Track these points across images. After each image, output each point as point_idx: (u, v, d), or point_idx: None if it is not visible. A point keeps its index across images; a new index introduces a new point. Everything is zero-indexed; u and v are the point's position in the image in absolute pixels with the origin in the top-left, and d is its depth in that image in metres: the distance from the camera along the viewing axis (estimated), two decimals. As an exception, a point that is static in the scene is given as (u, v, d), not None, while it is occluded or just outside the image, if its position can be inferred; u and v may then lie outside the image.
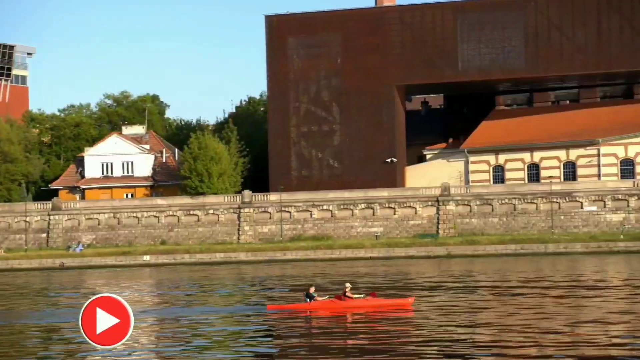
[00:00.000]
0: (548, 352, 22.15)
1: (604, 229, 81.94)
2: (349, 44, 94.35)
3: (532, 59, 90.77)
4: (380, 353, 22.74)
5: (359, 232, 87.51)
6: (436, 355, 22.11)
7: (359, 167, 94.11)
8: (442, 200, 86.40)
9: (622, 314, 30.12)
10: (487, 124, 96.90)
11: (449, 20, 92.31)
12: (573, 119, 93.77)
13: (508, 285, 44.40)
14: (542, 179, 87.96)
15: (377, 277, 53.71)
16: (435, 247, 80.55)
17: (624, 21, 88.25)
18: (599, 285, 42.76)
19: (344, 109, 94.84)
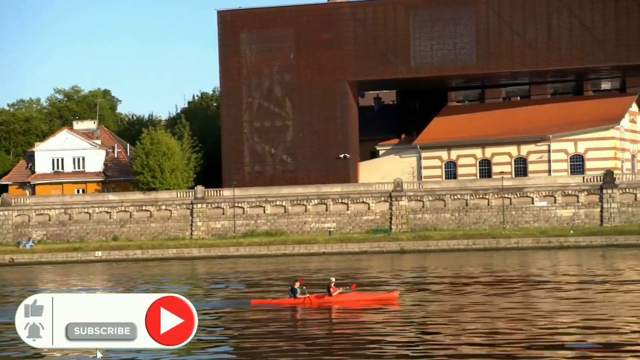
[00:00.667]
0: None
1: (554, 224, 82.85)
2: (302, 39, 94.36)
3: (484, 55, 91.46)
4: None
5: (312, 228, 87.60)
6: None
7: (312, 162, 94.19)
8: (395, 196, 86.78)
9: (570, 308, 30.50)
10: (439, 120, 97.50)
11: (402, 17, 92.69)
12: (524, 115, 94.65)
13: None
14: (494, 175, 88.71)
15: (331, 272, 53.83)
16: (388, 242, 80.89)
17: (573, 18, 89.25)
18: (551, 280, 43.25)
19: (297, 104, 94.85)
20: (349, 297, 33.25)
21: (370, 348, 22.73)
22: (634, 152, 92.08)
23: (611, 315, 27.81)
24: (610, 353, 20.84)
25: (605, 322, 26.22)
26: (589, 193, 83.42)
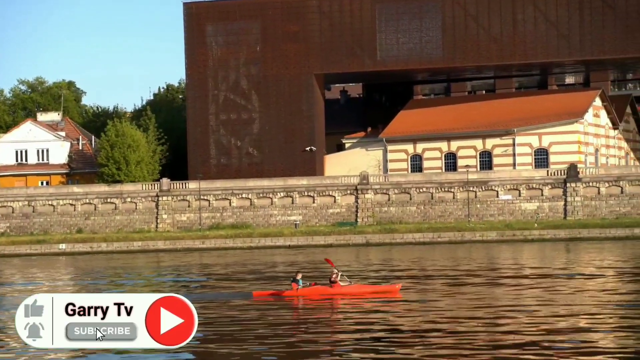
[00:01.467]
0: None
1: (519, 217, 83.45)
2: (269, 32, 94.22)
3: (449, 49, 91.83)
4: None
5: (278, 221, 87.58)
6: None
7: (278, 155, 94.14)
8: (361, 189, 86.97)
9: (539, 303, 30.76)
10: (405, 114, 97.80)
11: (368, 10, 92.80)
12: (489, 109, 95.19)
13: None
14: (459, 168, 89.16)
15: (295, 266, 53.88)
16: (354, 235, 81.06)
17: (538, 13, 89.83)
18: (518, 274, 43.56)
19: (263, 97, 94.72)
20: (351, 289, 33.39)
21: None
22: (597, 146, 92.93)
23: (572, 309, 28.09)
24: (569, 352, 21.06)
25: (565, 316, 26.48)
26: (553, 187, 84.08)
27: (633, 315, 26.37)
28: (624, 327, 24.38)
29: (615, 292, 34.01)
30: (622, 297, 32.10)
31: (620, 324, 24.94)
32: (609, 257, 56.04)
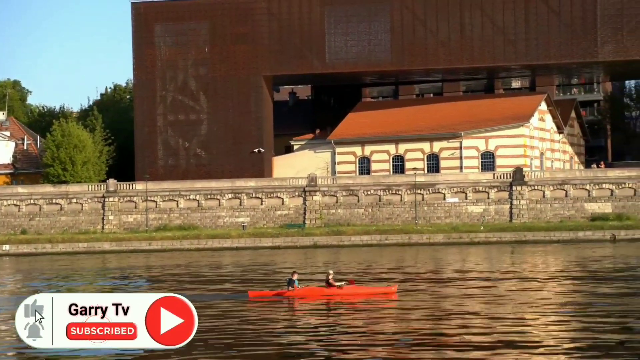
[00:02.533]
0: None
1: (465, 220, 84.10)
2: (217, 33, 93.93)
3: (398, 52, 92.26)
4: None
5: (226, 222, 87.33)
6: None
7: (226, 156, 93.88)
8: (309, 191, 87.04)
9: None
10: (353, 116, 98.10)
11: (317, 13, 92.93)
12: (437, 112, 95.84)
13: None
14: (407, 171, 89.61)
15: (242, 267, 53.78)
16: (301, 237, 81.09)
17: (485, 18, 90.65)
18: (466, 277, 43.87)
19: (211, 98, 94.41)
20: (348, 291, 33.47)
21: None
22: (542, 150, 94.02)
23: (514, 313, 28.38)
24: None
25: (507, 319, 26.75)
26: (499, 190, 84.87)
27: (572, 319, 26.73)
28: (567, 331, 24.70)
29: (556, 295, 34.43)
30: (563, 299, 32.51)
31: (564, 328, 25.27)
32: (552, 260, 56.73)
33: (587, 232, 77.32)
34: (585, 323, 25.47)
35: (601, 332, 23.69)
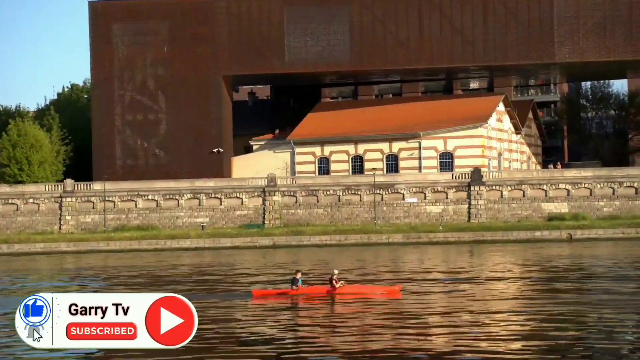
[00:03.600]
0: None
1: (424, 220, 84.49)
2: (176, 32, 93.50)
3: (357, 53, 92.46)
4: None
5: (185, 222, 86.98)
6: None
7: (185, 156, 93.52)
8: (268, 191, 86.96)
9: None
10: (313, 116, 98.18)
11: (276, 13, 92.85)
12: (396, 113, 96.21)
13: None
14: (366, 171, 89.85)
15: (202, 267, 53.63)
16: (260, 237, 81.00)
17: (444, 19, 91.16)
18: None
19: (170, 98, 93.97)
20: (352, 290, 33.58)
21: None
22: (500, 151, 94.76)
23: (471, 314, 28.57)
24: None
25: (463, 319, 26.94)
26: (457, 190, 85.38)
27: (530, 320, 26.97)
28: (520, 332, 24.91)
29: (514, 295, 34.71)
30: (520, 301, 32.79)
31: (520, 330, 25.48)
32: (509, 259, 57.21)
33: (544, 232, 78.06)
34: (539, 323, 25.72)
35: (554, 332, 23.94)
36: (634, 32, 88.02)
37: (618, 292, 32.95)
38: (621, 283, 37.11)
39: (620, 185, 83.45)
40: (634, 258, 54.90)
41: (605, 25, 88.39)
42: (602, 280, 39.20)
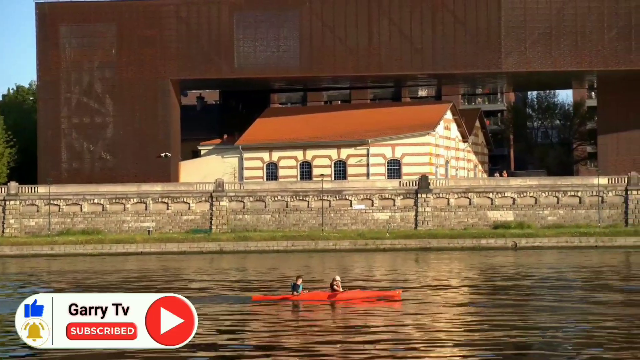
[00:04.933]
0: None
1: (372, 227, 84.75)
2: (124, 35, 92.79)
3: (306, 59, 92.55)
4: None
5: (131, 227, 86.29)
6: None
7: (132, 161, 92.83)
8: (216, 196, 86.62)
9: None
10: (261, 122, 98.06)
11: (226, 17, 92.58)
12: (344, 119, 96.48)
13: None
14: (314, 177, 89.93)
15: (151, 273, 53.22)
16: (207, 243, 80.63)
17: (393, 27, 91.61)
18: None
19: (117, 101, 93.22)
20: (354, 295, 33.58)
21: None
22: (447, 158, 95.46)
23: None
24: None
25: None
26: (404, 197, 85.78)
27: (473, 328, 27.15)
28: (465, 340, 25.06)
29: (458, 304, 34.92)
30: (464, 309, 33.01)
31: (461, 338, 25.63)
32: (454, 267, 57.59)
33: (489, 240, 78.77)
34: (483, 332, 25.91)
35: (496, 340, 24.12)
36: (579, 43, 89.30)
37: (559, 301, 33.31)
38: (561, 291, 37.52)
39: (564, 195, 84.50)
40: (576, 266, 55.59)
41: (551, 36, 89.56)
42: (544, 289, 39.60)
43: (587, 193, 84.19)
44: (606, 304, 32.04)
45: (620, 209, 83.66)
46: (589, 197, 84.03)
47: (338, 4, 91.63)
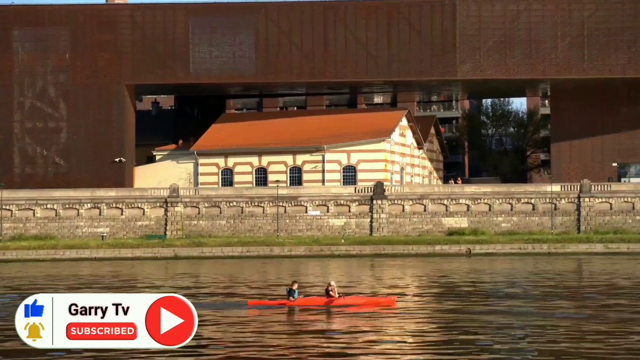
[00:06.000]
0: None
1: (327, 233, 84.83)
2: (79, 40, 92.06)
3: (262, 64, 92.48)
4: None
5: (85, 232, 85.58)
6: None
7: (86, 166, 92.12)
8: (171, 202, 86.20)
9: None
10: (217, 127, 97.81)
11: (181, 22, 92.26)
12: (300, 126, 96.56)
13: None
14: (270, 183, 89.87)
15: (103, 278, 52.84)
16: (162, 248, 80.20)
17: (348, 33, 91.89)
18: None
19: (71, 106, 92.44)
20: (349, 301, 33.61)
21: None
22: (402, 165, 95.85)
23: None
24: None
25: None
26: (360, 203, 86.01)
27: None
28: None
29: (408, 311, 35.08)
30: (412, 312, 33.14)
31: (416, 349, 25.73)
32: (408, 273, 57.83)
33: (444, 246, 79.18)
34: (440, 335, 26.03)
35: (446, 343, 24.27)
36: (533, 52, 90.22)
37: (511, 306, 33.58)
38: (512, 299, 37.82)
39: (518, 202, 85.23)
40: (529, 273, 56.08)
41: (506, 45, 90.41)
42: (496, 296, 39.89)
43: (540, 200, 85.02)
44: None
45: (572, 216, 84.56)
46: (542, 204, 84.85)
47: (294, 10, 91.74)
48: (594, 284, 46.67)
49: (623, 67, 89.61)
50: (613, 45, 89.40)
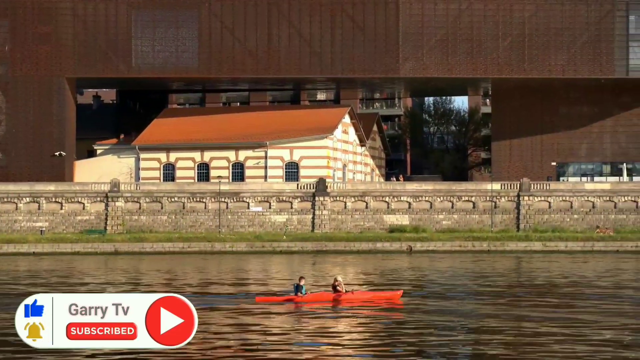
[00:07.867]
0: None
1: (269, 229, 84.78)
2: (18, 31, 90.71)
3: (205, 60, 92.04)
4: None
5: (23, 227, 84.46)
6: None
7: (25, 159, 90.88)
8: (111, 197, 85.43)
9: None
10: (159, 122, 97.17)
11: (123, 16, 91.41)
12: (243, 121, 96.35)
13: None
14: (212, 179, 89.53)
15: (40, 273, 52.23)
16: (102, 243, 79.46)
17: (292, 29, 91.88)
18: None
19: (10, 98, 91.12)
20: (355, 296, 33.74)
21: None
22: (345, 162, 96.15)
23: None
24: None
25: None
26: (302, 200, 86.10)
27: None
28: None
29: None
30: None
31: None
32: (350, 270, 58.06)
33: (385, 244, 79.58)
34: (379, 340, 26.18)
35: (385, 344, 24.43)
36: (474, 51, 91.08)
37: (452, 304, 33.91)
38: (455, 298, 38.19)
39: (459, 199, 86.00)
40: (468, 271, 56.66)
41: (448, 43, 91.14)
42: (435, 295, 40.25)
43: (480, 198, 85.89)
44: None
45: (512, 214, 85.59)
46: (483, 202, 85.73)
47: (237, 5, 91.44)
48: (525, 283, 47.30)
49: (562, 68, 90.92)
50: (553, 46, 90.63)
